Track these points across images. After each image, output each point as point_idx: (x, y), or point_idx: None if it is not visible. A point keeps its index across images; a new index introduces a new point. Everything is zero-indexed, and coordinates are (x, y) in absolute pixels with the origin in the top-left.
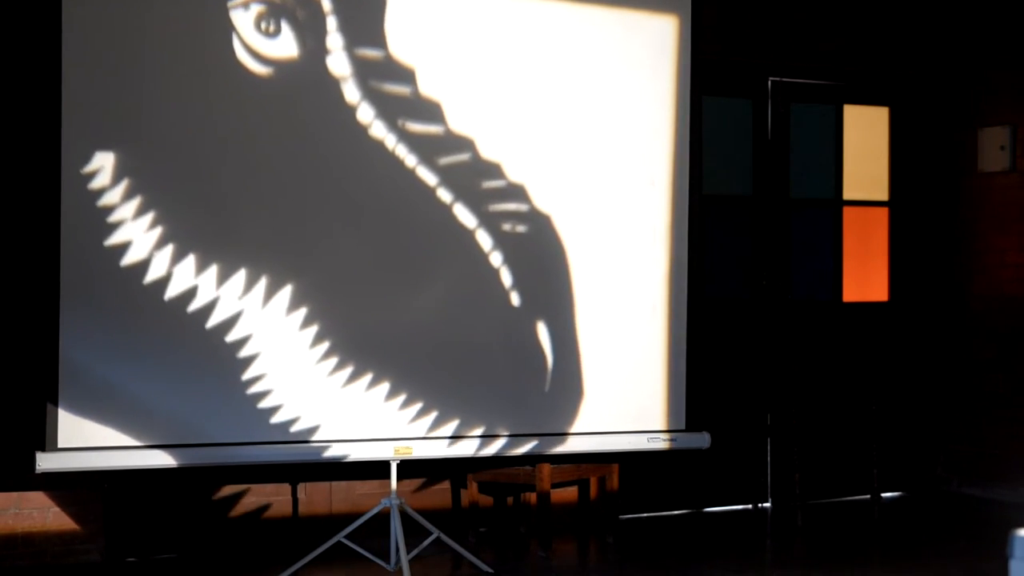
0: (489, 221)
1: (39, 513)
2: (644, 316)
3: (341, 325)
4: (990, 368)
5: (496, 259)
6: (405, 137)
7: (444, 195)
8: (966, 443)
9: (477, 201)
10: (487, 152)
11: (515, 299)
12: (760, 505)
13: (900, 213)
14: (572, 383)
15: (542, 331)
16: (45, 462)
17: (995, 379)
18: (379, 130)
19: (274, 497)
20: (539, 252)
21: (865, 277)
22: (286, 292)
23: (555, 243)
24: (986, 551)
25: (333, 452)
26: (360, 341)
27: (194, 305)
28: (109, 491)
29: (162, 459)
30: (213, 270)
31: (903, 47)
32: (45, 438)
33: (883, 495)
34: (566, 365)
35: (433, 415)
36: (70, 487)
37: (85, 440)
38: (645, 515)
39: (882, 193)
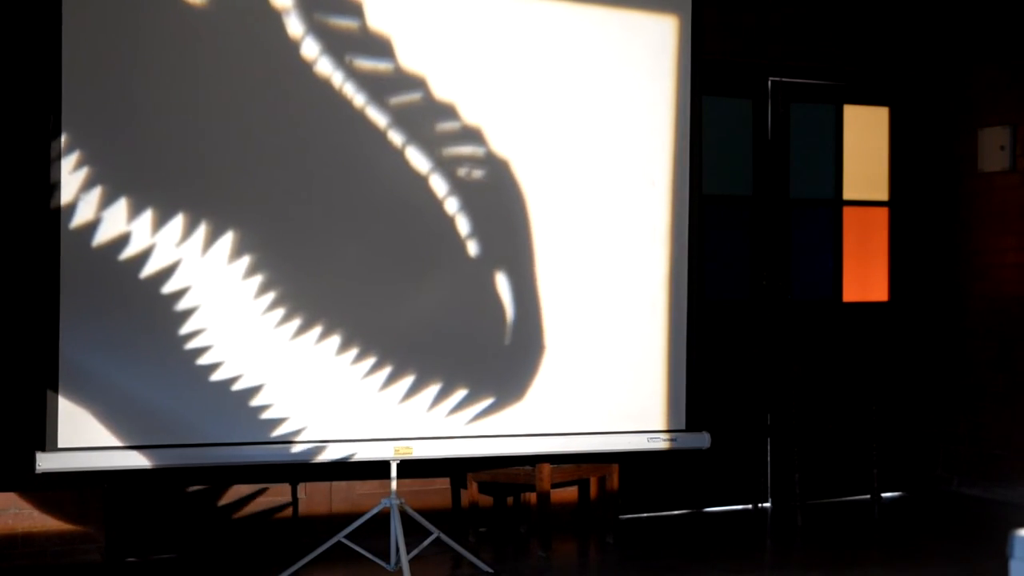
0: (445, 166)
1: (39, 513)
2: (644, 316)
3: (289, 276)
4: (990, 368)
5: (452, 206)
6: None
7: (395, 137)
8: (966, 443)
9: (431, 144)
10: (486, 137)
11: (472, 249)
12: (760, 505)
13: (900, 213)
14: (533, 337)
15: (501, 282)
16: (45, 462)
17: (995, 379)
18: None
19: (274, 497)
20: (498, 200)
21: (865, 277)
22: (228, 239)
23: (515, 192)
24: (986, 551)
25: (333, 452)
26: (304, 289)
27: (194, 305)
28: (109, 491)
29: (162, 459)
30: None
31: (903, 47)
32: (45, 438)
33: (883, 495)
34: (526, 318)
35: (388, 369)
36: (70, 487)
37: (85, 440)
38: (645, 515)
39: (882, 193)
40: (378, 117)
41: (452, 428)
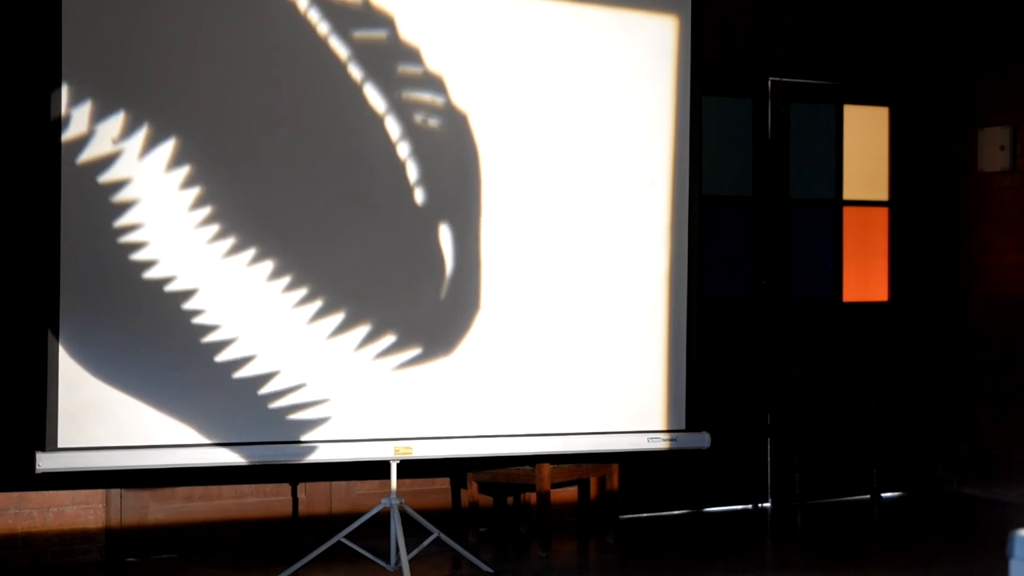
0: (401, 109)
1: (39, 513)
2: (644, 316)
3: (229, 197)
4: (990, 368)
5: (404, 150)
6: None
7: (355, 72)
8: (966, 443)
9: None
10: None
11: (419, 197)
12: (760, 505)
13: (900, 213)
14: (469, 295)
15: (444, 234)
16: (45, 462)
17: (995, 379)
18: None
19: (274, 497)
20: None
21: (865, 277)
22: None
23: (469, 144)
24: (986, 551)
25: (333, 453)
26: (245, 214)
27: (193, 304)
28: (109, 491)
29: (162, 459)
30: (207, 261)
31: (903, 47)
32: (45, 438)
33: (883, 495)
34: (465, 275)
35: (317, 303)
36: (70, 487)
37: (85, 440)
38: (645, 515)
39: (882, 193)
40: (340, 48)
41: (451, 427)
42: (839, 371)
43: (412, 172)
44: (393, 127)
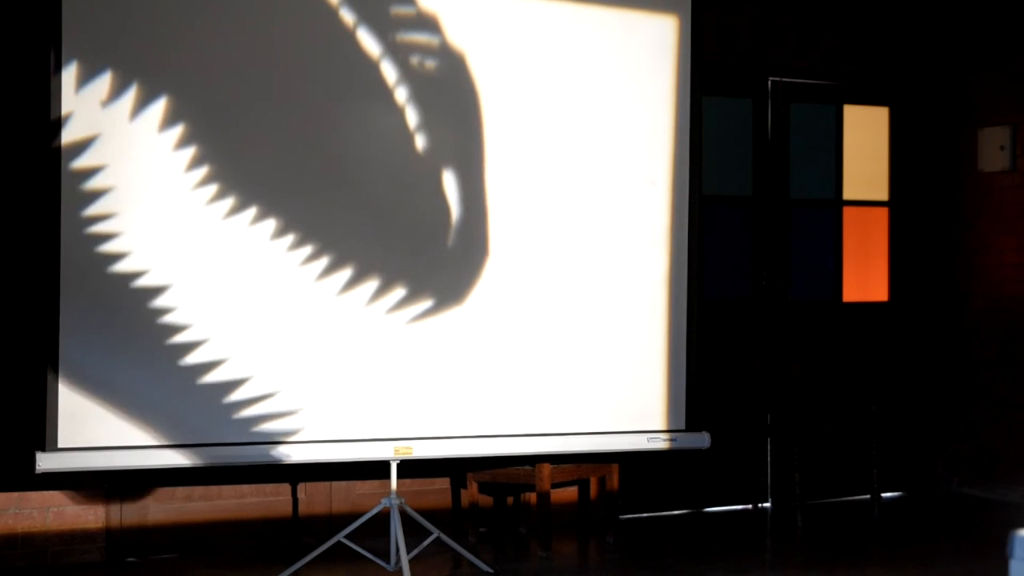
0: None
1: (39, 513)
2: (644, 316)
3: (226, 157)
4: (990, 368)
5: (401, 95)
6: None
7: (347, 16)
8: (966, 443)
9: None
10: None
11: (420, 143)
12: (760, 505)
13: (900, 213)
14: (477, 240)
15: (448, 180)
16: (45, 462)
17: (995, 379)
18: None
19: (274, 497)
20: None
21: (865, 277)
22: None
23: (469, 86)
24: (986, 551)
25: (333, 453)
26: (237, 168)
27: (193, 303)
28: (109, 491)
29: (162, 459)
30: (208, 261)
31: (903, 47)
32: (45, 438)
33: (883, 495)
34: (472, 221)
35: (324, 260)
36: (70, 487)
37: (85, 440)
38: (645, 515)
39: (882, 193)
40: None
41: (451, 427)
42: (839, 371)
43: (412, 118)
44: (389, 71)
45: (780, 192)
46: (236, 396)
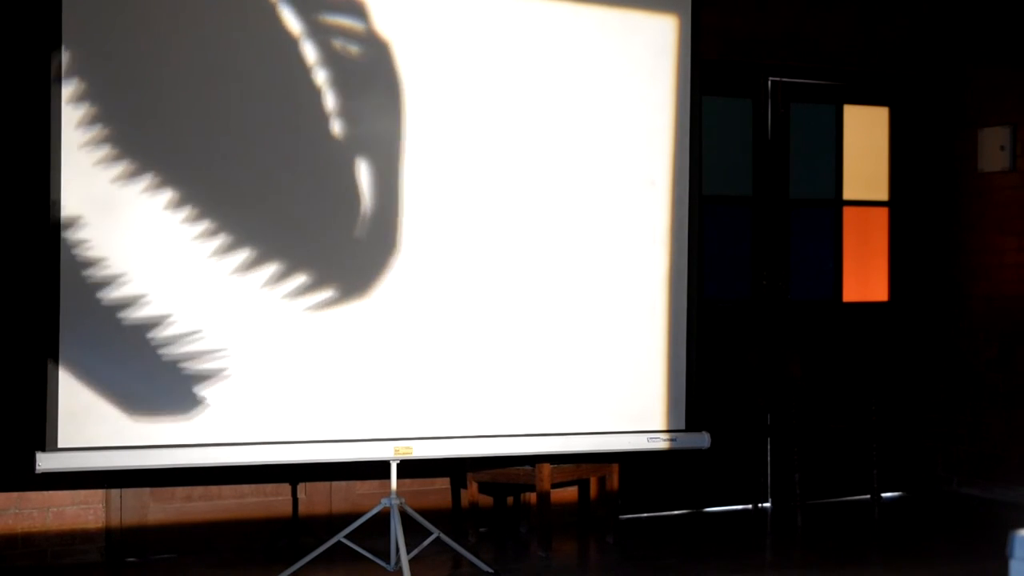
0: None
1: (39, 513)
2: (644, 316)
3: (132, 134)
4: (990, 368)
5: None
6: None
7: None
8: (966, 443)
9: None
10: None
11: (336, 128)
12: (760, 505)
13: (900, 213)
14: (387, 234)
15: (361, 169)
16: (45, 462)
17: (995, 379)
18: None
19: (274, 497)
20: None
21: (865, 277)
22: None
23: (392, 75)
24: (986, 551)
25: (333, 453)
26: (147, 145)
27: (192, 303)
28: (109, 491)
29: (162, 459)
30: (202, 257)
31: (903, 47)
32: (45, 438)
33: (883, 495)
34: (383, 213)
35: (243, 253)
36: (70, 487)
37: (85, 440)
38: (645, 515)
39: (882, 193)
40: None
41: (451, 427)
42: (839, 371)
43: (329, 101)
44: (310, 51)
45: (780, 192)
46: (236, 396)
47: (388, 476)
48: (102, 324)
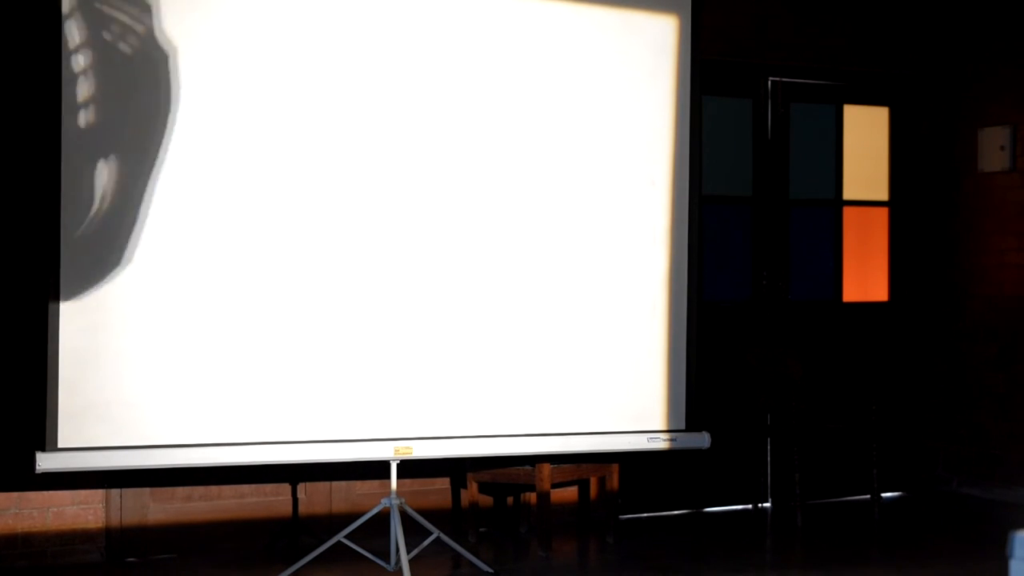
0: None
1: (39, 513)
2: (644, 316)
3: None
4: (990, 368)
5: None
6: None
7: None
8: (966, 443)
9: None
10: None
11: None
12: (760, 505)
13: (900, 213)
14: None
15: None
16: (45, 462)
17: (995, 379)
18: None
19: (274, 497)
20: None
21: (865, 277)
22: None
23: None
24: (986, 551)
25: (333, 453)
26: None
27: (193, 302)
28: (109, 491)
29: (162, 459)
30: (208, 266)
31: (903, 47)
32: (45, 438)
33: (883, 495)
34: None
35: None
36: (70, 487)
37: (85, 440)
38: (645, 515)
39: (882, 193)
40: None
41: (451, 427)
42: (839, 371)
43: (81, 89)
44: (72, 32)
45: (780, 192)
46: (236, 396)
47: (388, 476)
48: (102, 323)
